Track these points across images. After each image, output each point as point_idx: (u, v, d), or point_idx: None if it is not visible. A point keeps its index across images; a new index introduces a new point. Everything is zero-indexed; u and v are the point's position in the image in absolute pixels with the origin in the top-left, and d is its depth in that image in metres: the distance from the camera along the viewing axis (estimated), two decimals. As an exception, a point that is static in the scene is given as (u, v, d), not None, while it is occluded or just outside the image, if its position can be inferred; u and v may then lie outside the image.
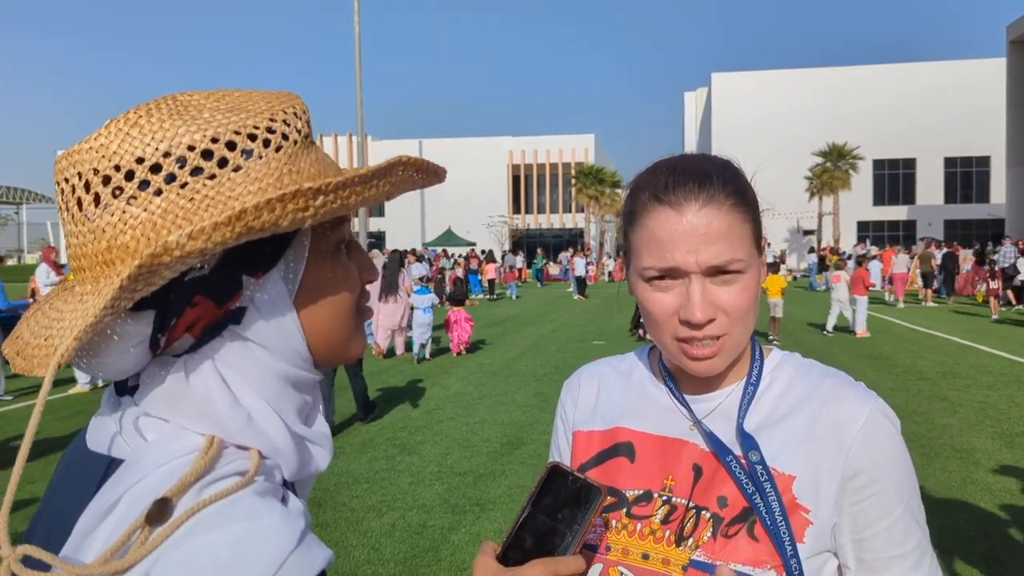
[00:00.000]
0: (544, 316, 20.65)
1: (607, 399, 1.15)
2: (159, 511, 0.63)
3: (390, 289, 12.48)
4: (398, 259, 13.17)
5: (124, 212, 0.67)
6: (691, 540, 0.96)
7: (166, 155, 0.67)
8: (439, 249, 37.99)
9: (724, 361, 0.98)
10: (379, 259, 14.17)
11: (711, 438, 1.01)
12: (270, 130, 0.72)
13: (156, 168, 0.67)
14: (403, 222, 54.90)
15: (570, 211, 56.62)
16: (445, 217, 52.39)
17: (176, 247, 0.62)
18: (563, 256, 44.79)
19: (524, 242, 55.71)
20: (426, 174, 0.82)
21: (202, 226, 0.63)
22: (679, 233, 0.93)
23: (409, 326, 13.21)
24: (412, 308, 12.92)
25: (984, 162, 52.23)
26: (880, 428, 0.98)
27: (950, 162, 53.04)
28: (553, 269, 43.21)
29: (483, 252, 32.19)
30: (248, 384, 0.72)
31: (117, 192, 0.67)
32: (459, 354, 13.14)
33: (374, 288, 11.68)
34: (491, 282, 29.24)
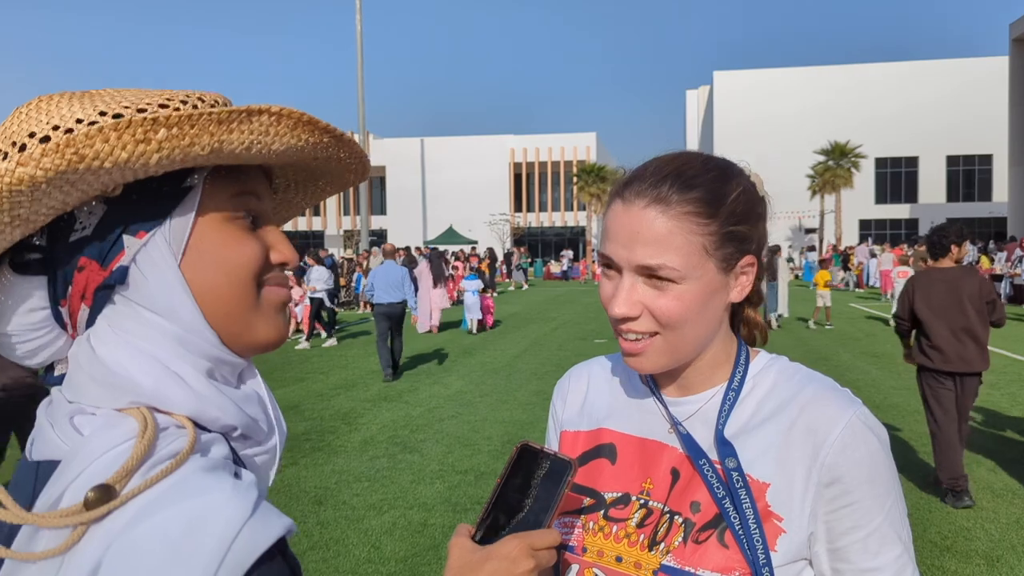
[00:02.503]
0: (545, 314, 20.64)
1: (594, 399, 1.15)
2: (99, 498, 0.62)
3: (439, 278, 16.85)
4: (440, 255, 18.19)
5: None
6: (663, 545, 0.96)
7: (55, 127, 0.67)
8: (459, 248, 37.91)
9: (655, 362, 0.98)
10: (378, 256, 16.83)
11: (687, 442, 1.00)
12: (162, 105, 0.70)
13: (45, 139, 0.67)
14: (405, 220, 54.87)
15: (572, 209, 56.54)
16: (447, 215, 52.35)
17: (5, 173, 0.62)
18: (565, 254, 44.82)
19: (526, 240, 55.70)
20: (313, 133, 0.77)
21: (31, 151, 0.62)
22: (619, 226, 0.95)
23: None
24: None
25: (987, 161, 52.12)
26: (859, 436, 0.94)
27: (952, 160, 52.91)
28: (554, 267, 43.21)
29: (487, 250, 32.17)
30: (150, 344, 0.72)
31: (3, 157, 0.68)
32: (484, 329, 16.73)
33: (425, 275, 16.53)
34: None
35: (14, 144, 0.67)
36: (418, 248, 29.14)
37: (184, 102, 0.72)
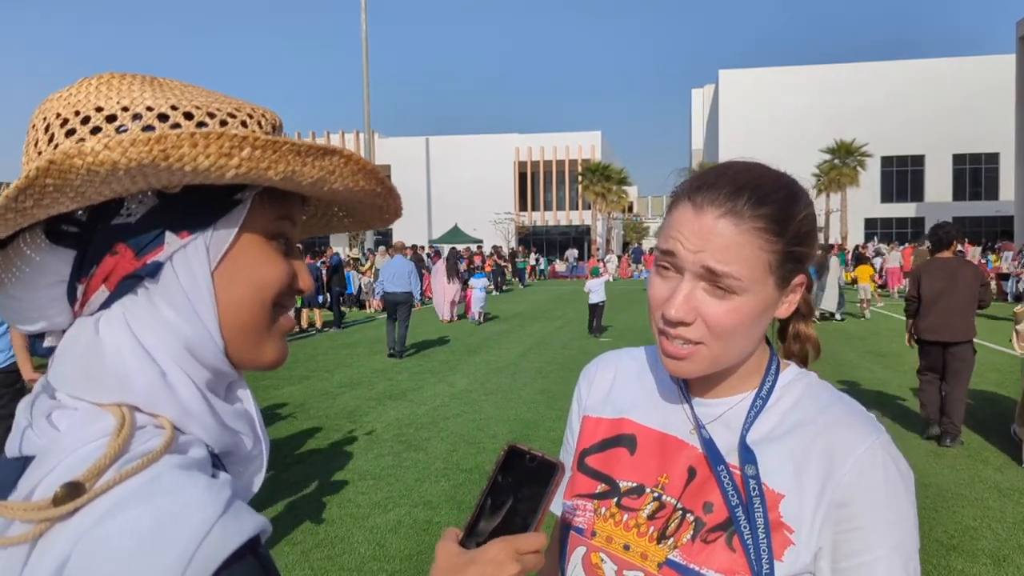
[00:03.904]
0: (550, 313, 20.65)
1: (621, 389, 1.16)
2: (67, 494, 0.61)
3: (452, 273, 18.77)
4: (456, 254, 20.44)
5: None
6: (671, 539, 0.97)
7: (124, 109, 0.70)
8: (474, 246, 37.91)
9: (695, 368, 0.98)
10: (383, 256, 17.55)
11: (708, 445, 1.01)
12: (231, 115, 0.74)
13: (112, 118, 0.69)
14: (410, 219, 54.87)
15: (577, 208, 56.53)
16: (452, 214, 52.36)
17: (90, 152, 0.62)
18: (570, 253, 44.85)
19: (531, 239, 55.70)
20: (370, 182, 0.81)
21: (120, 139, 0.63)
22: (689, 230, 0.94)
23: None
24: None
25: (993, 159, 51.96)
26: (878, 462, 0.94)
27: (959, 159, 52.78)
28: (560, 266, 43.22)
29: (494, 248, 32.16)
30: (158, 344, 0.71)
31: (70, 133, 0.69)
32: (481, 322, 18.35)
33: (439, 270, 18.86)
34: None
35: (77, 113, 0.69)
36: (423, 247, 29.19)
37: (251, 116, 0.76)
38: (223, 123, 0.73)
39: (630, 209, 68.77)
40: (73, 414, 0.69)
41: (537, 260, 41.91)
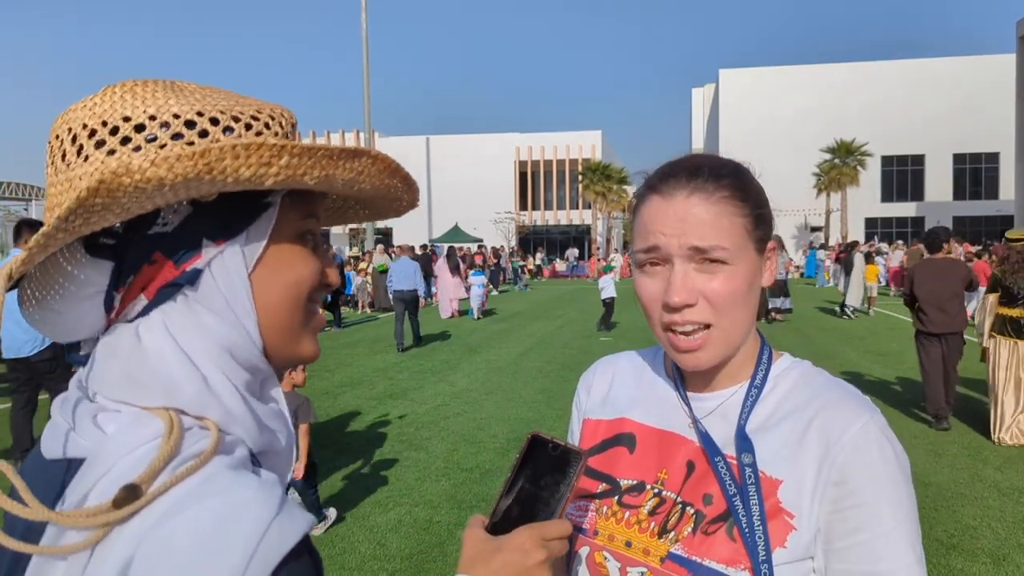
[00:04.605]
0: (551, 312, 20.65)
1: (618, 390, 1.18)
2: (126, 497, 0.62)
3: (455, 270, 19.87)
4: (455, 252, 21.21)
5: (102, 163, 0.69)
6: (672, 533, 0.98)
7: (152, 118, 0.70)
8: (474, 246, 37.86)
9: (712, 355, 0.99)
10: (382, 256, 18.14)
11: (705, 440, 1.02)
12: (254, 117, 0.76)
13: (140, 128, 0.70)
14: (410, 218, 54.82)
15: (577, 207, 56.49)
16: (452, 213, 52.35)
17: (138, 170, 0.63)
18: (570, 253, 44.84)
19: (531, 238, 55.68)
20: (394, 178, 0.83)
21: (166, 155, 0.64)
22: (664, 216, 0.97)
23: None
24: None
25: (993, 158, 51.91)
26: (873, 440, 0.95)
27: (959, 158, 52.71)
28: (560, 265, 43.21)
29: (496, 247, 32.15)
30: (199, 349, 0.72)
31: (99, 145, 0.70)
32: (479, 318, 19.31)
33: (442, 268, 20.01)
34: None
35: (105, 124, 0.70)
36: (423, 246, 29.28)
37: (272, 117, 0.78)
38: (248, 126, 0.75)
39: (630, 208, 68.68)
40: (119, 417, 0.70)
41: (543, 260, 41.77)
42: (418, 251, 22.83)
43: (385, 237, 46.90)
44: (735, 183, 0.99)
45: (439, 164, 56.14)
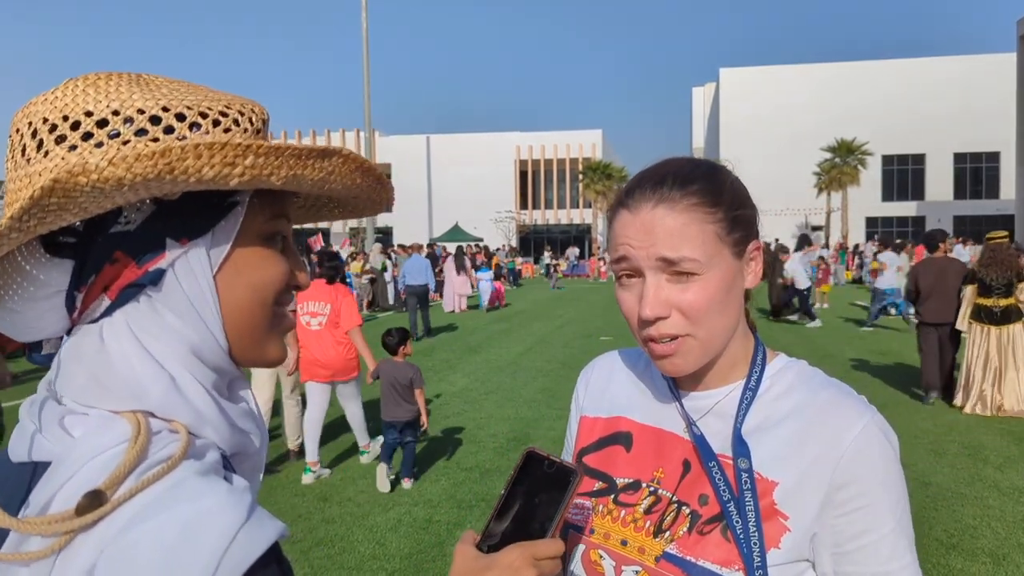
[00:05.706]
0: (551, 312, 20.64)
1: (616, 389, 1.17)
2: (89, 504, 0.61)
3: (461, 267, 20.95)
4: (462, 251, 22.34)
5: (62, 159, 0.67)
6: (668, 533, 0.98)
7: (115, 113, 0.69)
8: (476, 244, 37.81)
9: (688, 361, 0.99)
10: (379, 256, 18.15)
11: (699, 443, 1.02)
12: (223, 113, 0.74)
13: (103, 123, 0.68)
14: (410, 217, 54.87)
15: (577, 207, 56.50)
16: (452, 212, 52.35)
17: (95, 169, 0.62)
18: (571, 252, 44.81)
19: (532, 238, 55.68)
20: (367, 178, 0.81)
21: (124, 154, 0.63)
22: (631, 230, 0.97)
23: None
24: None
25: (994, 158, 51.87)
26: (874, 441, 0.95)
27: (959, 158, 52.67)
28: (562, 265, 43.19)
29: (499, 248, 32.15)
30: (165, 351, 0.71)
31: (60, 140, 0.68)
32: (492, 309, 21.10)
33: (450, 267, 21.07)
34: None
35: (66, 118, 0.68)
36: (429, 245, 29.51)
37: (241, 112, 0.76)
38: (215, 123, 0.73)
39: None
40: (87, 420, 0.69)
41: (551, 258, 41.59)
42: (426, 250, 23.79)
43: (385, 236, 46.87)
44: (705, 188, 0.97)
45: (439, 163, 56.16)
